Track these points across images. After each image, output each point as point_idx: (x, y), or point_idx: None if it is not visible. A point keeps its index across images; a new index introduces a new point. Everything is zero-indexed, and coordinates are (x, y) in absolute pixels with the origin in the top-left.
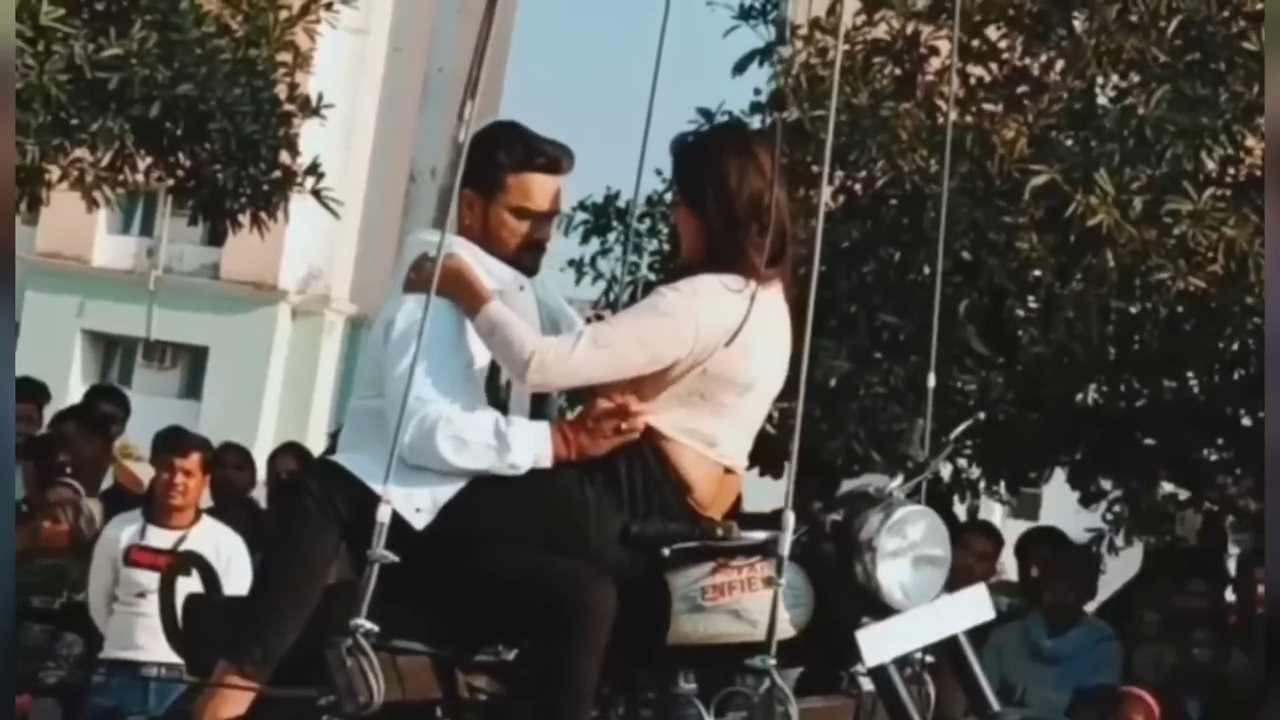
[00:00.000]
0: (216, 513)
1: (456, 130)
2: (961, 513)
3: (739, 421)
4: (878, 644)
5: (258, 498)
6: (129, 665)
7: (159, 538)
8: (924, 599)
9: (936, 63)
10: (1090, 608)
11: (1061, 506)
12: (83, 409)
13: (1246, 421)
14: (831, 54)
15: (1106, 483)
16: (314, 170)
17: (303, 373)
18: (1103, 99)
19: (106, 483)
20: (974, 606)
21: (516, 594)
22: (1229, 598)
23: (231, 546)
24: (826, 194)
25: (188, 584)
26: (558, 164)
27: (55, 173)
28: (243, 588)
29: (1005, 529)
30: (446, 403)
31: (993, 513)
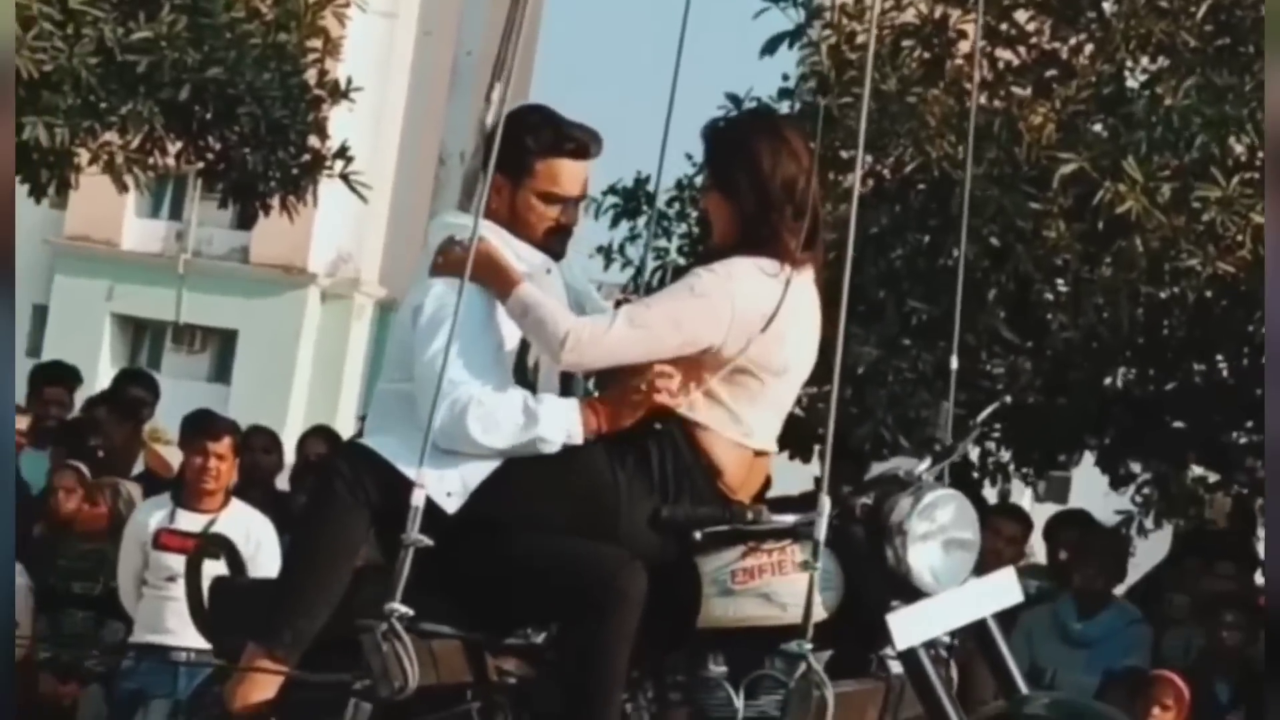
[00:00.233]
0: (238, 495)
1: (484, 113)
2: (991, 496)
3: (770, 405)
4: (908, 627)
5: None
6: (158, 649)
7: (189, 521)
8: (953, 582)
9: (965, 47)
10: (1119, 590)
11: (1091, 490)
12: (112, 393)
13: None
14: (860, 38)
15: (1135, 466)
16: (343, 154)
17: (332, 356)
18: (1132, 82)
19: (138, 468)
20: (1003, 590)
21: (547, 578)
22: (1258, 580)
23: (261, 530)
24: (859, 179)
25: (214, 567)
26: (586, 149)
27: (85, 156)
28: (272, 571)
29: (1034, 512)
30: (478, 385)
31: (1022, 496)
